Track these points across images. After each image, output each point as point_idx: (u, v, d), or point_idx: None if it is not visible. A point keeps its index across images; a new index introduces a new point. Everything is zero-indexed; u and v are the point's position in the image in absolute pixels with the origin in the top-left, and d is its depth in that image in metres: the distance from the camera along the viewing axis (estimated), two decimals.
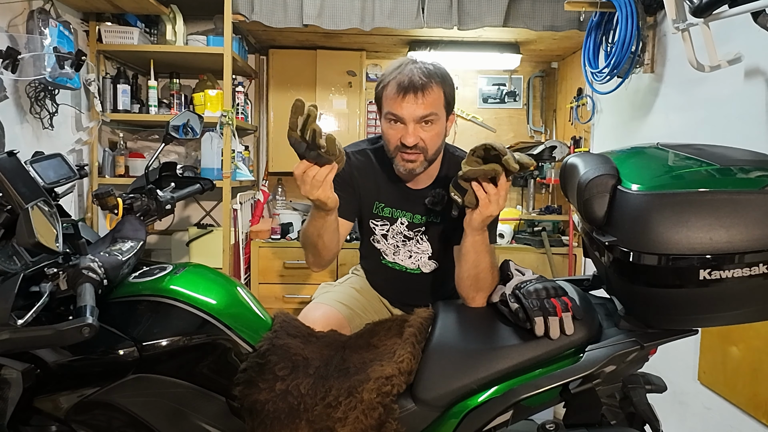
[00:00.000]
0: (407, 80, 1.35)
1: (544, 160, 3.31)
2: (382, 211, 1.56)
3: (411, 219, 1.54)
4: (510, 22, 2.83)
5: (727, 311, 1.02)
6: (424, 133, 1.39)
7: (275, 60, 3.53)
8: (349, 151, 1.59)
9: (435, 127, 1.40)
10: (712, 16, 1.65)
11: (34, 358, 1.08)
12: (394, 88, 1.36)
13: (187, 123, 1.57)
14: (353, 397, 1.12)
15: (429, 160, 1.44)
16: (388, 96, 1.39)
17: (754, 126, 1.72)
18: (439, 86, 1.38)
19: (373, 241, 1.61)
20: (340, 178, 1.58)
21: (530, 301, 1.15)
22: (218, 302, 1.23)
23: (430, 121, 1.38)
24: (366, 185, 1.57)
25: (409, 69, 1.37)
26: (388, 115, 1.41)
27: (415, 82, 1.34)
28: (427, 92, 1.35)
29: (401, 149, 1.41)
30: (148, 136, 3.39)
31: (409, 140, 1.38)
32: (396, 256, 1.60)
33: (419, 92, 1.35)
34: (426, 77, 1.36)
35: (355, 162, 1.57)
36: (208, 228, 3.17)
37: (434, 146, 1.42)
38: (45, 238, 0.95)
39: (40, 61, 2.16)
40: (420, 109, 1.36)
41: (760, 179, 0.97)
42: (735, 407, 1.78)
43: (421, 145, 1.40)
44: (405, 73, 1.36)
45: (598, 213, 1.06)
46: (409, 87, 1.34)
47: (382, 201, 1.56)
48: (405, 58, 1.43)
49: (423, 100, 1.35)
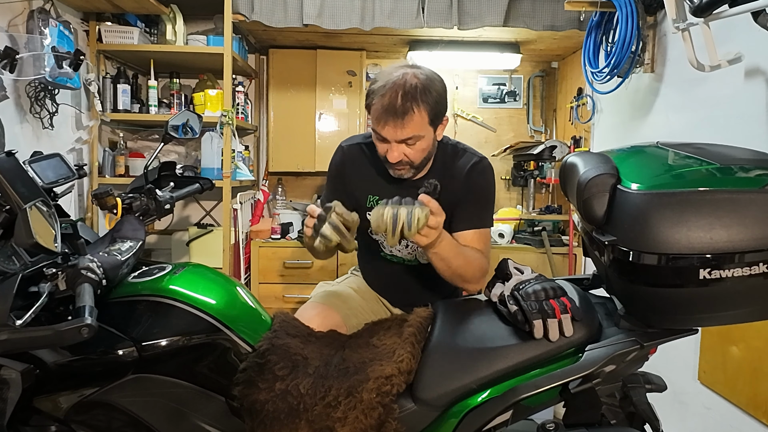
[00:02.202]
0: (388, 104, 1.35)
1: (544, 159, 3.31)
2: (377, 204, 1.57)
3: None
4: (510, 21, 2.82)
5: (727, 311, 1.02)
6: (408, 150, 1.42)
7: (275, 60, 3.53)
8: (344, 144, 1.65)
9: (420, 144, 1.42)
10: (712, 15, 1.65)
11: (34, 358, 1.08)
12: (379, 109, 1.38)
13: (187, 122, 1.57)
14: (353, 397, 1.12)
15: (417, 168, 1.47)
16: (373, 115, 1.41)
17: (754, 125, 1.72)
18: (420, 108, 1.36)
19: (371, 233, 1.61)
20: (333, 170, 1.65)
21: (529, 303, 1.15)
22: (218, 302, 1.23)
23: (414, 140, 1.40)
24: (359, 178, 1.60)
25: (394, 90, 1.36)
26: (374, 130, 1.44)
27: (396, 108, 1.35)
28: (408, 118, 1.36)
29: (388, 162, 1.45)
30: (148, 135, 3.39)
31: (392, 157, 1.41)
32: (393, 247, 1.60)
33: (398, 119, 1.36)
34: (409, 100, 1.35)
35: (349, 155, 1.62)
36: (208, 228, 3.17)
37: (419, 158, 1.45)
38: (43, 239, 0.95)
39: (39, 61, 2.16)
40: (401, 134, 1.38)
41: (761, 178, 0.97)
42: (735, 407, 1.78)
43: (406, 160, 1.43)
44: (388, 95, 1.36)
45: (598, 212, 1.06)
46: (390, 112, 1.35)
47: (376, 194, 1.58)
48: (396, 67, 1.42)
49: (403, 125, 1.37)
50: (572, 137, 3.33)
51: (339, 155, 1.64)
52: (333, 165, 1.65)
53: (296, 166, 3.59)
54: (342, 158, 1.63)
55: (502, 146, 3.66)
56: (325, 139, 3.53)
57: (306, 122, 3.54)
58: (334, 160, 1.65)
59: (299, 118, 3.54)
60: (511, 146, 3.56)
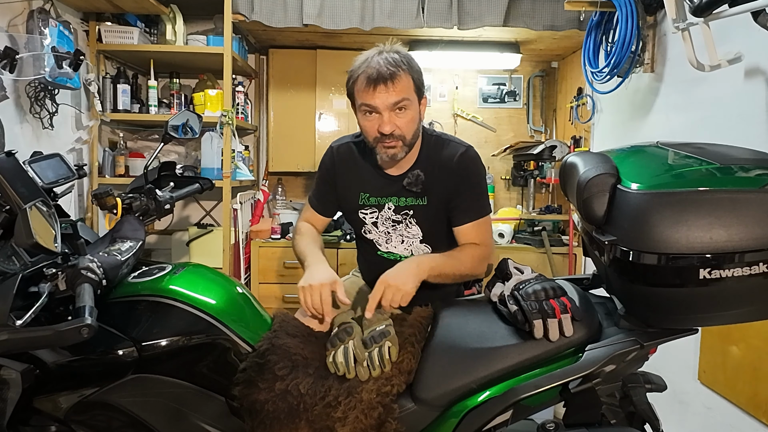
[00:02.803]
0: (375, 72, 1.40)
1: (544, 159, 3.31)
2: (369, 201, 1.60)
3: (396, 203, 1.57)
4: (510, 21, 2.82)
5: (727, 310, 1.02)
6: (399, 120, 1.44)
7: (275, 60, 3.53)
8: (334, 144, 1.67)
9: (408, 112, 1.45)
10: (712, 15, 1.65)
11: (33, 358, 1.08)
12: (364, 80, 1.42)
13: (186, 122, 1.57)
14: (353, 397, 1.12)
15: (408, 144, 1.49)
16: (360, 89, 1.44)
17: (754, 125, 1.72)
18: (406, 73, 1.43)
19: (365, 233, 1.63)
20: (322, 171, 1.68)
21: (529, 303, 1.15)
22: (218, 302, 1.23)
23: (403, 107, 1.44)
24: (349, 178, 1.62)
25: (376, 61, 1.42)
26: (362, 107, 1.46)
27: (384, 73, 1.40)
28: (397, 80, 1.41)
29: (380, 139, 1.46)
30: (148, 136, 3.39)
31: (386, 128, 1.43)
32: (389, 244, 1.62)
33: (389, 81, 1.40)
34: (393, 66, 1.41)
35: (338, 155, 1.64)
36: (208, 228, 3.17)
37: (410, 131, 1.47)
38: (43, 239, 0.95)
39: (39, 61, 2.16)
40: (392, 97, 1.41)
41: (760, 178, 0.97)
42: (735, 407, 1.78)
43: (398, 133, 1.45)
44: (372, 66, 1.41)
45: (598, 212, 1.06)
46: (379, 78, 1.40)
47: (367, 191, 1.59)
48: (370, 51, 1.47)
49: (393, 88, 1.41)
50: (572, 137, 3.33)
51: (329, 156, 1.67)
52: (323, 166, 1.68)
53: (296, 166, 3.59)
54: (332, 159, 1.65)
55: (502, 146, 3.65)
56: (325, 139, 3.52)
57: (306, 122, 3.54)
58: (324, 162, 1.67)
59: (299, 118, 3.54)
60: (511, 146, 3.55)
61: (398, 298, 1.28)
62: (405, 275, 1.31)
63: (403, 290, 1.28)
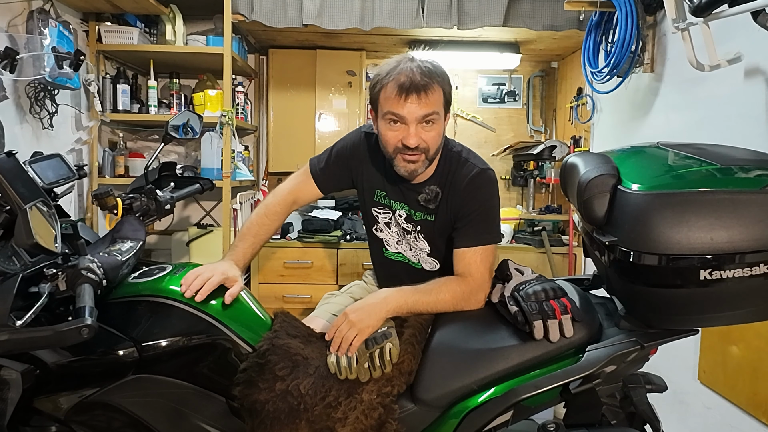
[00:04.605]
0: (408, 81, 1.32)
1: (543, 159, 3.31)
2: (384, 200, 1.55)
3: (408, 212, 1.52)
4: (510, 21, 2.82)
5: (728, 311, 1.02)
6: (425, 134, 1.37)
7: (275, 60, 3.53)
8: (365, 130, 1.58)
9: (436, 126, 1.38)
10: (712, 15, 1.65)
11: (34, 358, 1.08)
12: (395, 88, 1.33)
13: (187, 123, 1.57)
14: (353, 398, 1.12)
15: (430, 159, 1.42)
16: (389, 97, 1.35)
17: (754, 125, 1.72)
18: (439, 85, 1.35)
19: (376, 231, 1.59)
20: (344, 152, 1.59)
21: (529, 304, 1.15)
22: (218, 302, 1.23)
23: (431, 120, 1.36)
24: (371, 171, 1.55)
25: (408, 68, 1.34)
26: (387, 116, 1.37)
27: (417, 82, 1.32)
28: (430, 92, 1.33)
29: (402, 151, 1.38)
30: (148, 136, 3.39)
31: (411, 141, 1.35)
32: (399, 245, 1.57)
33: (422, 92, 1.32)
34: (428, 77, 1.34)
35: (368, 145, 1.55)
36: (208, 228, 3.16)
37: (435, 146, 1.40)
38: (43, 239, 0.95)
39: (39, 61, 2.16)
40: (423, 109, 1.34)
41: (761, 179, 0.97)
42: (735, 407, 1.78)
43: (423, 146, 1.37)
44: (405, 73, 1.33)
45: (599, 213, 1.06)
46: (411, 87, 1.32)
47: (385, 190, 1.54)
48: (401, 56, 1.40)
49: (426, 99, 1.33)
50: (572, 137, 3.33)
51: (356, 138, 1.57)
52: (347, 149, 1.58)
53: (296, 166, 3.50)
54: (361, 146, 1.56)
55: (501, 146, 3.65)
56: (325, 139, 3.52)
57: (306, 122, 3.53)
58: (351, 145, 1.57)
59: (299, 118, 3.54)
60: (510, 146, 3.55)
61: (351, 335, 1.20)
62: (368, 311, 1.24)
63: (358, 327, 1.20)
